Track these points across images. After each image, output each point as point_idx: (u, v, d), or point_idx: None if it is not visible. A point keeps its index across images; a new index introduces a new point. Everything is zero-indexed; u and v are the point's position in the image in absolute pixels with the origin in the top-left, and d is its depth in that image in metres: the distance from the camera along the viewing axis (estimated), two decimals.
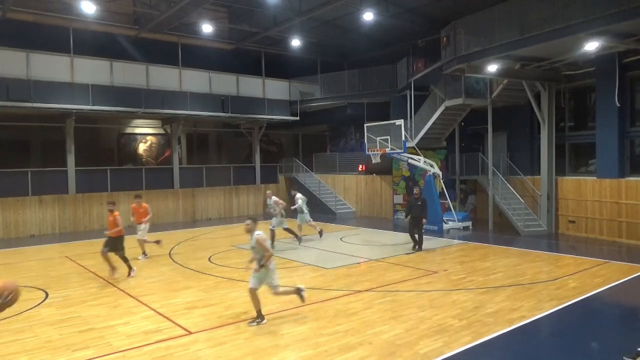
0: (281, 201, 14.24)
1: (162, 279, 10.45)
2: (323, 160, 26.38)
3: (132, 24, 20.63)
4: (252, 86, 23.33)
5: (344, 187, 24.15)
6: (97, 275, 10.86)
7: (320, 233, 15.17)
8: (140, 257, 12.55)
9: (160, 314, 7.83)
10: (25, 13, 17.90)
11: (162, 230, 17.86)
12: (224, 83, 22.37)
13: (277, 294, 7.51)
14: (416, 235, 13.04)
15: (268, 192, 15.17)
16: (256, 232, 7.44)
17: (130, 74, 19.65)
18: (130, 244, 11.33)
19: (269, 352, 6.12)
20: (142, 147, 25.20)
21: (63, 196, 18.73)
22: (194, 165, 24.09)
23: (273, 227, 13.94)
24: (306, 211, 14.96)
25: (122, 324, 7.39)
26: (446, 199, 17.52)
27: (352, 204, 23.48)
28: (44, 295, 9.21)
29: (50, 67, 17.84)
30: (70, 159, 18.94)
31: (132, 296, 8.97)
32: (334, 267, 11.15)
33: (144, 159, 24.94)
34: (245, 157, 27.87)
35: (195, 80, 21.50)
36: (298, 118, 24.40)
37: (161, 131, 24.70)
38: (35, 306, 8.47)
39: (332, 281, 9.85)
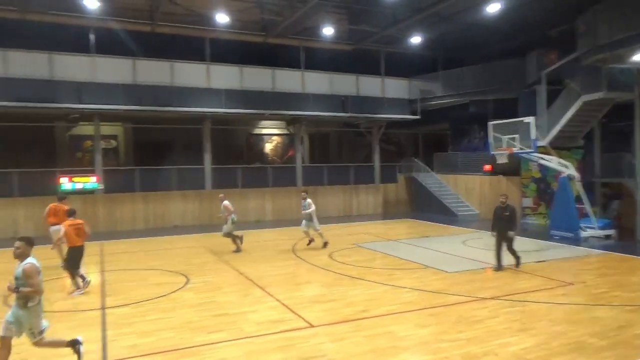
0: (231, 207, 13.70)
1: (286, 272, 11.01)
2: (444, 159, 25.57)
3: (260, 31, 22.00)
4: (371, 86, 23.47)
5: (466, 188, 23.15)
6: (230, 264, 11.80)
7: (325, 244, 14.06)
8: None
9: (284, 305, 8.26)
10: (169, 27, 20.04)
11: (285, 227, 18.79)
12: (344, 83, 22.83)
13: (39, 345, 5.61)
14: (502, 252, 10.79)
15: (221, 195, 14.29)
16: (27, 260, 5.50)
17: (258, 78, 21.04)
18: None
19: (388, 353, 6.13)
20: (268, 147, 26.78)
21: (201, 191, 20.66)
22: (316, 164, 24.93)
23: (224, 232, 13.69)
24: (315, 220, 14.06)
25: (251, 311, 7.95)
26: (584, 204, 15.86)
27: (475, 206, 22.40)
28: (185, 280, 10.25)
29: (190, 74, 19.82)
30: (207, 158, 20.81)
31: (260, 287, 9.59)
32: (455, 271, 10.77)
33: (270, 158, 26.48)
34: (365, 156, 28.09)
35: (317, 82, 22.26)
36: (418, 117, 23.96)
37: (286, 131, 25.96)
38: (178, 289, 9.48)
39: (453, 285, 9.53)
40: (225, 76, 20.43)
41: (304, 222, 14.05)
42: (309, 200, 14.02)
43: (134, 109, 18.72)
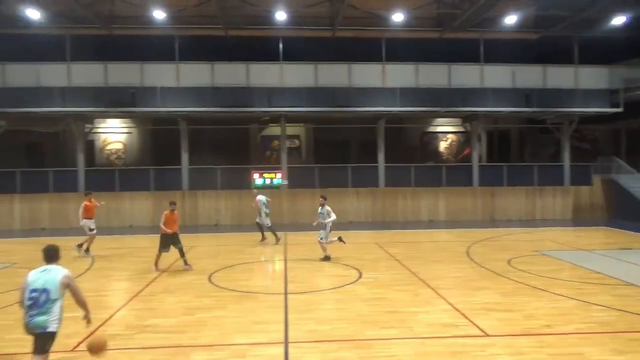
0: (260, 202, 15.03)
1: (459, 275, 10.62)
2: None
3: (436, 26, 21.51)
4: (561, 76, 21.09)
5: None
6: (401, 263, 11.88)
7: (327, 258, 12.36)
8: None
9: (457, 309, 7.99)
10: (348, 31, 20.94)
11: (459, 228, 18.11)
12: (528, 76, 20.95)
13: None
14: None
15: (254, 191, 16.53)
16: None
17: (434, 74, 20.66)
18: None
19: None
20: (442, 145, 26.10)
21: (374, 189, 21.19)
22: (494, 164, 23.45)
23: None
24: (329, 231, 12.44)
25: (422, 312, 7.89)
26: None
27: None
28: (358, 274, 10.64)
29: (367, 75, 20.45)
30: (380, 157, 21.26)
31: (431, 288, 9.45)
32: None
33: (444, 157, 25.79)
34: (552, 155, 25.38)
35: (497, 76, 20.88)
36: (620, 109, 20.71)
37: (461, 129, 24.97)
38: (352, 282, 9.90)
39: None
40: (400, 75, 20.57)
41: (322, 232, 12.50)
42: (327, 207, 12.55)
43: (315, 111, 20.12)
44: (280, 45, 20.44)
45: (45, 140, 24.09)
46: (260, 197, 15.40)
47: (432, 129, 26.00)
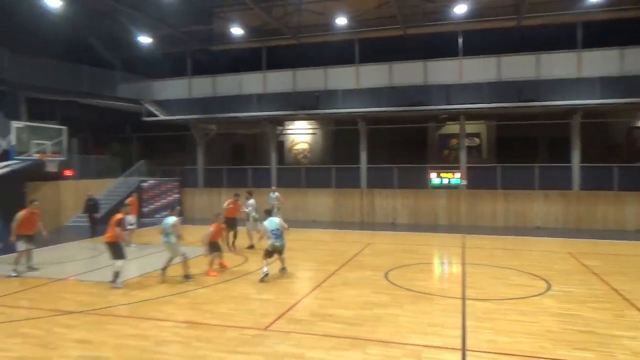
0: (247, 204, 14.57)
1: None
2: None
3: None
4: None
5: None
6: (600, 277, 10.44)
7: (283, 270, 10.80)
8: None
9: None
10: (536, 18, 19.08)
11: None
12: None
13: None
14: None
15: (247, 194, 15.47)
16: None
17: None
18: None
19: None
20: None
21: (566, 192, 18.97)
22: None
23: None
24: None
25: (628, 337, 6.82)
26: None
27: None
28: (546, 286, 9.69)
29: (558, 65, 18.45)
30: (575, 155, 18.92)
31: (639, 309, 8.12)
32: None
33: None
34: None
35: None
36: None
37: None
38: (539, 294, 9.07)
39: None
40: (599, 62, 18.01)
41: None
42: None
43: (498, 107, 18.88)
44: (460, 40, 19.71)
45: (246, 142, 27.55)
46: (252, 202, 14.69)
47: None
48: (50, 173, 16.35)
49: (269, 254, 10.43)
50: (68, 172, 19.66)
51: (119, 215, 10.01)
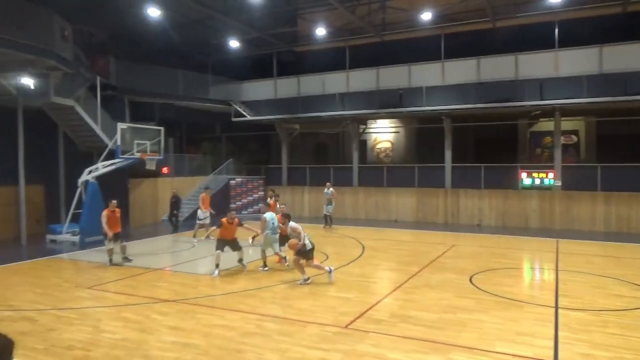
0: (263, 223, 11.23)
1: None
2: None
3: None
4: None
5: None
6: None
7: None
8: None
9: None
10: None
11: None
12: None
13: None
14: None
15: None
16: None
17: None
18: None
19: None
20: None
21: None
22: None
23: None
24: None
25: None
26: None
27: None
28: None
29: None
30: None
31: None
32: None
33: None
34: None
35: None
36: None
37: None
38: None
39: None
40: None
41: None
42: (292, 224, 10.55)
43: (600, 101, 17.38)
44: (556, 30, 18.38)
45: (329, 141, 27.86)
46: (268, 216, 11.46)
47: None
48: (150, 171, 17.64)
49: (304, 254, 9.84)
50: (165, 170, 21.15)
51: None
